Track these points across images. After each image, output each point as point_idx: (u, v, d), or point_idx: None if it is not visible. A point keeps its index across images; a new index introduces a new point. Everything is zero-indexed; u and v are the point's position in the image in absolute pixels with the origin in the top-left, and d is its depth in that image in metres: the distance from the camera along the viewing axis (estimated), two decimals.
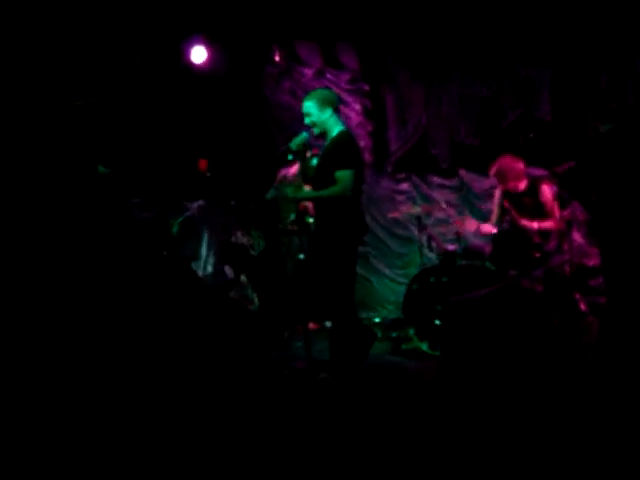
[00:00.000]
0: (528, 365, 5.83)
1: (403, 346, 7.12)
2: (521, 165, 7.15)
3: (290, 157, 5.76)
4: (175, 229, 8.22)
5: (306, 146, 5.78)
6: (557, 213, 7.07)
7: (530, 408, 4.86)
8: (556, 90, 8.06)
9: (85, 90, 7.26)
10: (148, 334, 5.60)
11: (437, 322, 6.80)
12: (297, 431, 4.57)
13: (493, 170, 7.24)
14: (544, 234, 6.99)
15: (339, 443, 4.30)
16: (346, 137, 5.76)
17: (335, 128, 5.70)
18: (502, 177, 7.19)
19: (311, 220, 7.48)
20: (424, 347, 6.88)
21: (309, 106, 5.71)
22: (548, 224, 6.96)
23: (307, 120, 5.70)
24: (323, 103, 5.67)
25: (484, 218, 8.45)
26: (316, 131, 5.71)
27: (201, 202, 8.52)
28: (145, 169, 8.36)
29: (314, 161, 5.80)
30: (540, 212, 7.09)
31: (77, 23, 7.40)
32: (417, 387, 5.72)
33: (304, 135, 5.67)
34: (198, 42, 8.85)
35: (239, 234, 9.12)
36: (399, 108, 9.25)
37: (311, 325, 7.06)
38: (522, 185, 7.16)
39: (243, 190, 8.94)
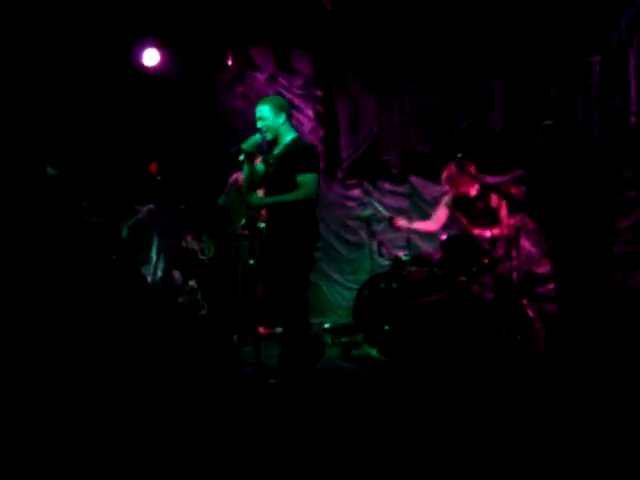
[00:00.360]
0: (475, 370, 5.90)
1: (353, 352, 7.12)
2: (471, 170, 7.19)
3: (241, 157, 5.70)
4: (124, 233, 8.15)
5: (258, 148, 5.74)
6: (506, 220, 7.14)
7: (477, 412, 4.91)
8: (507, 100, 8.15)
9: (35, 90, 7.17)
10: (93, 338, 5.54)
11: (387, 328, 6.83)
12: (244, 436, 4.55)
13: (444, 175, 7.29)
14: (493, 241, 7.06)
15: (288, 449, 4.29)
16: (305, 143, 5.79)
17: (288, 134, 5.68)
18: (453, 182, 7.24)
19: (262, 225, 7.47)
20: (374, 353, 6.91)
21: (264, 110, 5.66)
22: (498, 231, 7.03)
23: (260, 124, 5.65)
24: (279, 109, 5.64)
25: None
26: (268, 136, 5.66)
27: (151, 206, 8.46)
28: (95, 172, 8.27)
29: (260, 166, 5.77)
30: (491, 218, 7.16)
31: (27, 22, 7.31)
32: (368, 393, 5.72)
33: (257, 137, 5.63)
34: (150, 45, 8.80)
35: (189, 239, 9.08)
36: (351, 115, 9.29)
37: (261, 330, 7.03)
38: (473, 191, 7.22)
39: (194, 194, 8.89)
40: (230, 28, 8.89)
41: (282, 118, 5.62)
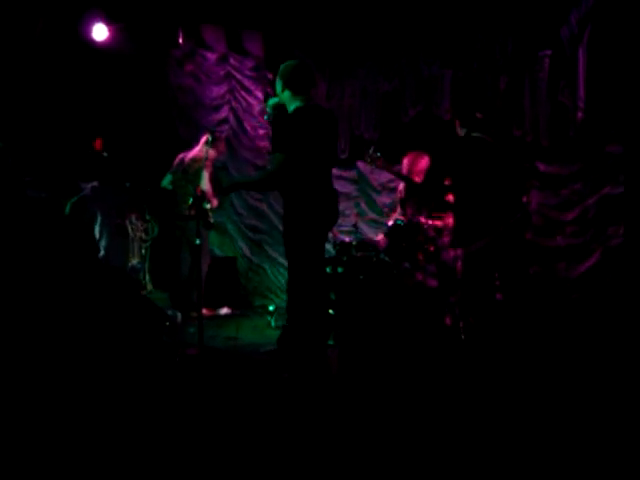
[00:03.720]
0: (415, 355, 5.95)
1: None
2: (427, 159, 7.28)
3: (266, 117, 5.52)
4: (67, 209, 8.03)
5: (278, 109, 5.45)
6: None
7: (421, 395, 4.95)
8: (457, 89, 8.19)
9: None
10: (32, 315, 5.43)
11: (331, 312, 6.82)
12: (184, 418, 4.51)
13: (404, 163, 7.37)
14: (439, 229, 7.12)
15: (236, 433, 4.27)
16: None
17: (291, 104, 5.32)
18: (413, 171, 7.31)
19: (208, 205, 7.42)
20: None
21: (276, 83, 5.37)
22: (440, 223, 7.08)
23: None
24: (279, 77, 5.26)
25: (380, 210, 8.59)
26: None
27: (95, 183, 8.35)
28: (39, 146, 8.14)
29: None
30: (440, 207, 7.21)
31: None
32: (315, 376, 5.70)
33: (276, 98, 5.35)
34: (100, 19, 8.67)
35: (133, 217, 9.00)
36: None
37: (205, 311, 6.98)
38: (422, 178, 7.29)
39: (139, 172, 8.81)
40: (182, 5, 8.81)
41: (279, 86, 5.28)
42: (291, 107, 5.21)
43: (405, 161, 7.43)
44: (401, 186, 7.60)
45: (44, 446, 3.86)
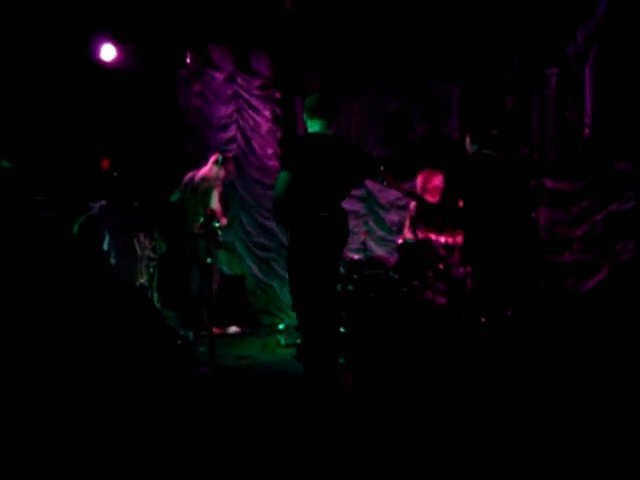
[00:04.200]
0: (430, 371, 5.96)
1: None
2: (441, 178, 7.26)
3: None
4: (76, 229, 8.06)
5: None
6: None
7: (436, 408, 4.96)
8: (464, 107, 8.23)
9: None
10: (48, 330, 5.45)
11: (342, 330, 6.83)
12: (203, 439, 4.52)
13: (418, 180, 7.36)
14: (449, 247, 7.13)
15: (252, 453, 4.28)
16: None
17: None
18: (427, 189, 7.30)
19: (217, 224, 7.46)
20: None
21: None
22: (452, 240, 7.09)
23: None
24: (304, 109, 5.64)
25: (388, 228, 8.62)
26: None
27: (103, 202, 8.38)
28: (49, 166, 8.17)
29: None
30: (452, 225, 7.23)
31: None
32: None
33: None
34: (108, 40, 8.72)
35: (141, 236, 9.02)
36: None
37: (215, 330, 7.00)
38: (437, 199, 7.27)
39: (147, 191, 8.84)
40: (190, 26, 8.86)
41: (305, 116, 5.64)
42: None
43: (419, 178, 7.40)
44: (412, 204, 7.60)
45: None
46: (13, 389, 4.57)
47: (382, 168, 7.02)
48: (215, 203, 7.97)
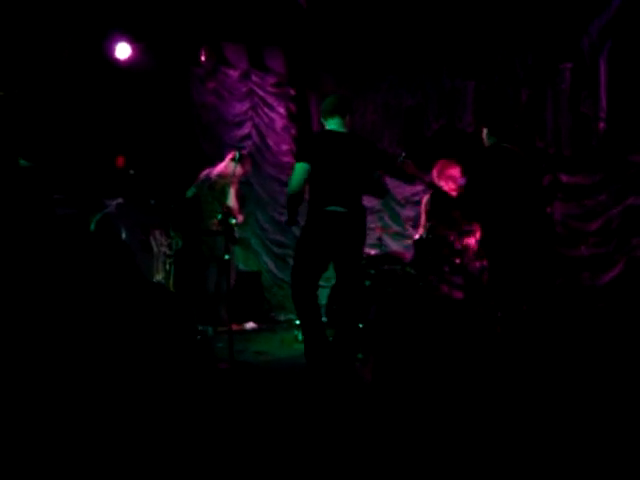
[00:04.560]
0: (451, 365, 5.97)
1: None
2: (456, 168, 7.27)
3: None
4: (93, 227, 8.11)
5: None
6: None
7: (456, 406, 4.98)
8: (479, 102, 8.23)
9: (8, 81, 7.12)
10: (68, 329, 5.49)
11: (360, 326, 6.87)
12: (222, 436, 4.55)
13: (433, 171, 7.36)
14: (465, 241, 7.16)
15: (274, 447, 4.31)
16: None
17: None
18: (439, 175, 7.30)
19: (234, 221, 7.50)
20: None
21: None
22: (473, 241, 7.10)
23: None
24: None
25: (404, 224, 8.63)
26: None
27: (120, 200, 8.43)
28: (66, 164, 8.22)
29: None
30: (466, 219, 7.25)
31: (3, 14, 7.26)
32: (341, 390, 5.75)
33: None
34: (123, 38, 8.77)
35: (157, 233, 9.06)
36: None
37: (233, 326, 7.04)
38: (454, 192, 7.28)
39: (163, 189, 8.88)
40: (204, 24, 8.90)
41: (322, 119, 5.94)
42: None
43: (435, 167, 7.41)
44: (425, 198, 7.61)
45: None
46: (29, 387, 4.63)
47: (404, 154, 7.06)
48: (232, 200, 8.02)
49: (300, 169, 5.65)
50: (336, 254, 5.78)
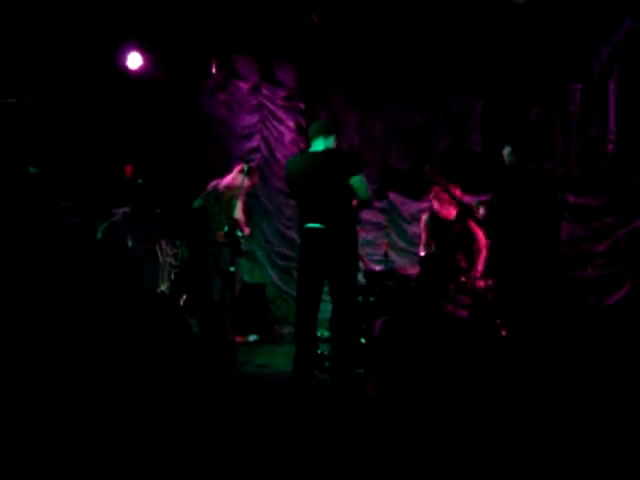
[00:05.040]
0: (453, 383, 5.96)
1: (326, 362, 7.11)
2: (457, 192, 7.30)
3: None
4: (99, 235, 8.12)
5: None
6: (484, 240, 7.25)
7: (459, 423, 4.96)
8: (487, 121, 8.24)
9: (20, 89, 7.16)
10: (77, 338, 5.50)
11: (362, 340, 6.87)
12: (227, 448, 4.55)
13: (432, 193, 7.38)
14: (471, 259, 7.17)
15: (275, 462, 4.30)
16: None
17: None
18: (439, 200, 7.33)
19: (240, 234, 7.52)
20: None
21: None
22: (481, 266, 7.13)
23: None
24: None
25: (410, 240, 8.62)
26: None
27: (126, 209, 8.45)
28: (74, 172, 8.25)
29: None
30: (468, 240, 7.26)
31: (17, 23, 7.30)
32: (343, 405, 5.75)
33: None
34: (135, 48, 8.81)
35: (163, 243, 9.08)
36: None
37: (237, 339, 7.04)
38: (453, 214, 7.30)
39: (170, 199, 8.90)
40: (216, 36, 8.94)
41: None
42: None
43: (431, 194, 7.45)
44: (424, 217, 7.61)
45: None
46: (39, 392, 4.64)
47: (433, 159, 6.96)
48: (238, 213, 8.01)
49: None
50: (325, 269, 5.88)
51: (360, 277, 7.78)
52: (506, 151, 6.22)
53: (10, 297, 5.45)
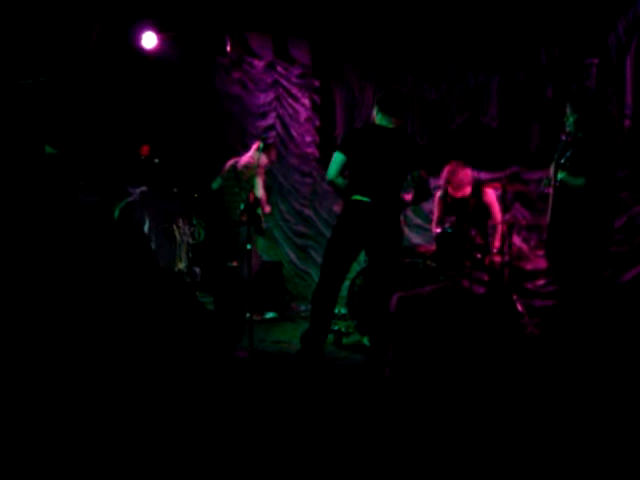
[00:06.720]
0: (469, 362, 5.97)
1: (344, 339, 7.17)
2: (468, 172, 7.34)
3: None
4: (116, 214, 8.17)
5: None
6: (499, 216, 7.26)
7: (474, 406, 4.97)
8: (504, 97, 8.20)
9: (35, 69, 7.18)
10: (94, 321, 5.54)
11: (365, 342, 6.90)
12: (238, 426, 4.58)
13: (444, 175, 7.41)
14: (485, 235, 7.19)
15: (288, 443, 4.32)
16: None
17: None
18: (450, 182, 7.37)
19: (260, 212, 7.56)
20: (365, 341, 6.96)
21: None
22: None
23: None
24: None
25: (426, 217, 8.62)
26: None
27: (144, 188, 8.48)
28: (91, 151, 8.29)
29: None
30: (483, 214, 7.28)
31: (31, 3, 7.32)
32: (362, 381, 5.77)
33: None
34: (149, 28, 8.82)
35: (181, 222, 9.11)
36: (348, 106, 9.35)
37: (254, 316, 7.09)
38: (467, 190, 7.34)
39: (187, 178, 8.93)
40: (229, 14, 8.93)
41: (374, 109, 6.09)
42: None
43: (445, 170, 7.47)
44: (438, 194, 7.64)
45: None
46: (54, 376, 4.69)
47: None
48: (260, 190, 8.04)
49: (335, 159, 5.88)
50: (364, 244, 5.95)
51: None
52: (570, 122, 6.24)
53: (26, 276, 5.50)
